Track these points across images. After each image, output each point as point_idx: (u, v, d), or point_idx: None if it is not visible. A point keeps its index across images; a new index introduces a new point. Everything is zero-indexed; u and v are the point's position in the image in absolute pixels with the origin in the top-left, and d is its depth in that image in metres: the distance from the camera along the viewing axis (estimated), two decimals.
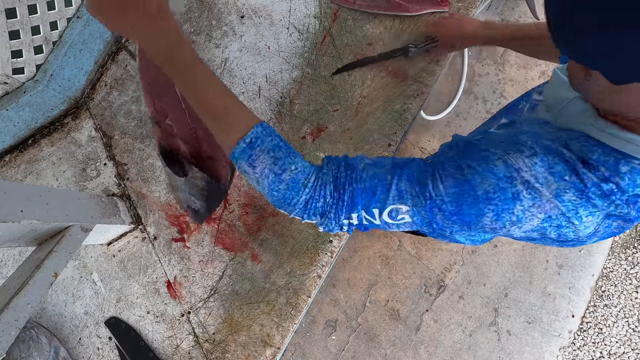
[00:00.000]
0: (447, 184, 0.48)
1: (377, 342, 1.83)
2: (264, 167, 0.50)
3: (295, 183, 0.50)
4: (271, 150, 0.50)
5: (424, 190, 0.48)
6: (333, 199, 0.50)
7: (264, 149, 0.50)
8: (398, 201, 0.49)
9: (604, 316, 1.84)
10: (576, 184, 0.44)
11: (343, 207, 0.50)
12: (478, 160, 0.48)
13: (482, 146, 0.49)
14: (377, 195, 0.49)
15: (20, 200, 0.72)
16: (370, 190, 0.49)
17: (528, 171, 0.45)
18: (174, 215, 1.05)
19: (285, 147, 0.52)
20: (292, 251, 1.01)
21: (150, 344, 0.99)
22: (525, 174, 0.45)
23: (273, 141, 0.51)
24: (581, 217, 0.45)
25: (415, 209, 0.49)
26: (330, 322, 1.85)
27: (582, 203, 0.45)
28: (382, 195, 0.49)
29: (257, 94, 1.11)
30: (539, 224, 0.47)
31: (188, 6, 1.17)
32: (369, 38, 1.11)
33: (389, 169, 0.51)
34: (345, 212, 0.50)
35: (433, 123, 2.02)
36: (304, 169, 0.51)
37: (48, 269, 0.75)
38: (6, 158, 1.10)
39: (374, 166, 0.51)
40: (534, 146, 0.47)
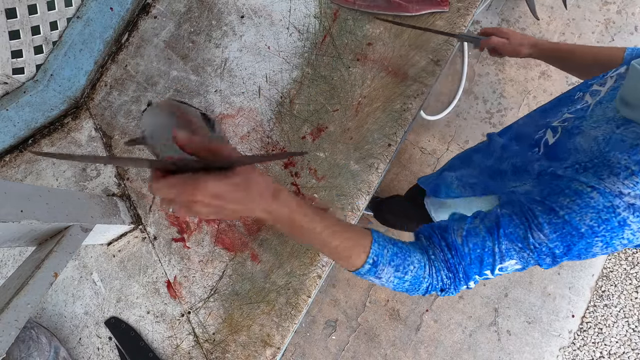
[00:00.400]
0: (547, 232, 0.48)
1: (377, 342, 1.83)
2: (389, 276, 0.56)
3: (416, 279, 0.56)
4: (391, 260, 0.56)
5: (526, 245, 0.50)
6: (449, 279, 0.56)
7: (385, 263, 0.56)
8: (505, 260, 0.52)
9: (604, 316, 1.84)
10: None
11: (460, 282, 0.55)
12: (571, 196, 0.46)
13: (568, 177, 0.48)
14: (485, 262, 0.53)
15: (20, 200, 0.72)
16: (477, 261, 0.53)
17: (631, 193, 0.43)
18: (174, 215, 1.05)
19: (400, 251, 0.57)
20: (292, 251, 1.01)
21: (150, 344, 0.99)
22: (627, 197, 0.43)
23: (389, 252, 0.56)
24: None
25: (523, 260, 0.51)
26: (330, 322, 1.85)
27: None
28: (488, 260, 0.53)
29: (257, 94, 1.11)
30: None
31: (188, 6, 1.17)
32: (369, 38, 1.11)
33: (485, 235, 0.53)
34: (462, 284, 0.56)
35: (433, 123, 2.02)
36: (420, 264, 0.56)
37: (48, 269, 0.75)
38: (6, 158, 1.10)
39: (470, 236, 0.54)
40: (630, 164, 0.44)
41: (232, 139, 1.09)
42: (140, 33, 1.17)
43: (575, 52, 0.84)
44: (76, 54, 1.10)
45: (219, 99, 1.11)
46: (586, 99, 0.64)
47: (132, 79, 1.14)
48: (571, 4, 2.08)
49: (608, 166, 0.46)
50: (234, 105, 1.11)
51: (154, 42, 1.16)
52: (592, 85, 0.66)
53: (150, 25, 1.17)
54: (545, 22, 2.08)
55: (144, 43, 1.16)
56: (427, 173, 2.06)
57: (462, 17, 1.10)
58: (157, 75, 1.14)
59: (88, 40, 1.11)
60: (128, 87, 1.13)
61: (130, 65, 1.15)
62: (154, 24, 1.17)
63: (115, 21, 1.14)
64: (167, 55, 1.15)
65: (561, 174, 0.49)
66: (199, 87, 1.12)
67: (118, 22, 1.15)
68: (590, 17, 2.08)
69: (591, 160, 0.48)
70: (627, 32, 2.07)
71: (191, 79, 1.13)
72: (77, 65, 1.11)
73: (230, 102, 1.11)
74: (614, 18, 2.08)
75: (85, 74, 1.12)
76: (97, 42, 1.13)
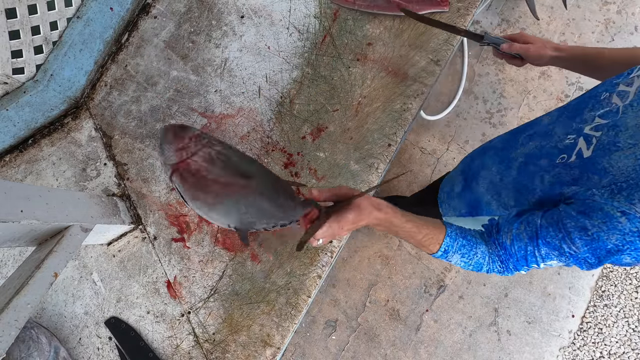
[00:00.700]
0: (579, 245, 0.54)
1: (377, 342, 1.83)
2: (456, 260, 0.72)
3: (478, 264, 0.71)
4: (458, 250, 0.71)
5: (562, 252, 0.58)
6: (502, 269, 0.69)
7: (454, 251, 0.72)
8: (547, 260, 0.61)
9: (604, 316, 1.84)
10: None
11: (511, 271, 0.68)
12: (602, 218, 0.51)
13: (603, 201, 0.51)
14: (529, 260, 0.63)
15: (20, 200, 0.72)
16: (523, 259, 0.64)
17: None
18: (174, 215, 1.05)
19: (468, 244, 0.71)
20: (292, 251, 1.01)
21: (150, 344, 0.99)
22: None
23: (459, 243, 0.71)
24: None
25: (564, 261, 0.59)
26: (330, 322, 1.85)
27: None
28: (532, 259, 0.63)
29: (257, 94, 1.11)
30: None
31: (188, 6, 1.17)
32: (369, 38, 1.11)
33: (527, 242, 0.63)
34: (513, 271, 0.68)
35: (433, 123, 2.02)
36: (483, 255, 0.71)
37: (48, 269, 0.75)
38: (6, 158, 1.10)
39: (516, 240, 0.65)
40: None
41: (232, 139, 1.09)
42: (140, 33, 1.17)
43: (604, 54, 0.80)
44: (76, 54, 1.10)
45: (219, 99, 1.11)
46: (614, 101, 0.63)
47: (132, 79, 1.14)
48: (571, 4, 2.08)
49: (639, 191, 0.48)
50: (234, 105, 1.11)
51: (154, 42, 1.16)
52: (618, 85, 0.65)
53: (150, 25, 1.17)
54: (545, 22, 2.08)
55: (144, 43, 1.16)
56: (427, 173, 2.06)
57: (462, 17, 1.10)
58: (157, 75, 1.14)
59: (88, 40, 1.11)
60: (128, 87, 1.13)
61: (130, 65, 1.15)
62: (154, 24, 1.17)
63: (115, 21, 1.14)
64: (167, 55, 1.15)
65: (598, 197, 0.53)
66: (199, 87, 1.12)
67: (118, 22, 1.15)
68: (590, 17, 2.08)
69: (627, 181, 0.50)
70: (627, 32, 2.07)
71: (191, 79, 1.13)
72: (77, 65, 1.11)
73: (230, 102, 1.11)
74: (614, 18, 2.08)
75: (85, 74, 1.12)
76: (97, 42, 1.13)
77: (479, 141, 1.99)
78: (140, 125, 1.11)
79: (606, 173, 0.55)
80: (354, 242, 1.92)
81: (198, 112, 1.11)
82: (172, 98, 1.12)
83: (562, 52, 0.84)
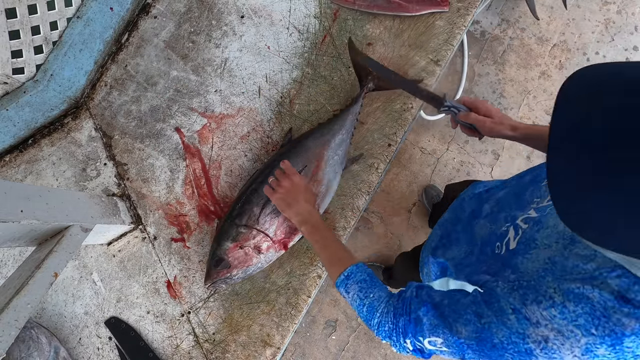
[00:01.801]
0: (469, 329, 0.52)
1: (377, 342, 1.82)
2: (354, 293, 0.69)
3: (371, 308, 0.67)
4: (360, 282, 0.69)
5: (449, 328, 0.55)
6: (393, 325, 0.63)
7: (355, 280, 0.70)
8: (433, 334, 0.57)
9: None
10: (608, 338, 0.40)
11: (400, 333, 0.62)
12: (495, 311, 0.50)
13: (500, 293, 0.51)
14: (417, 328, 0.59)
15: (20, 200, 0.72)
16: (413, 321, 0.60)
17: (548, 324, 0.44)
18: (174, 215, 1.05)
19: (370, 280, 0.70)
20: (292, 251, 1.01)
21: (150, 344, 0.99)
22: (544, 328, 0.44)
23: (362, 275, 0.70)
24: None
25: (448, 342, 0.55)
26: (330, 322, 1.85)
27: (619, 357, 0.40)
28: (421, 327, 0.59)
29: (257, 94, 1.11)
30: None
31: (188, 6, 1.17)
32: (369, 38, 1.11)
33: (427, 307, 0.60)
34: (401, 337, 0.62)
35: (433, 123, 2.02)
36: (380, 298, 0.67)
37: (48, 269, 0.75)
38: (6, 158, 1.10)
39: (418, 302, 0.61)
40: (554, 295, 0.45)
41: (232, 139, 1.09)
42: (140, 33, 1.17)
43: None
44: (76, 54, 1.10)
45: (219, 98, 1.11)
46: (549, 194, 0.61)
47: (132, 79, 1.14)
48: (571, 4, 2.08)
49: (536, 291, 0.47)
50: (234, 105, 1.11)
51: (154, 42, 1.16)
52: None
53: (150, 25, 1.17)
54: (545, 22, 2.08)
55: (144, 43, 1.16)
56: (427, 173, 2.06)
57: (462, 17, 1.10)
58: (157, 75, 1.14)
59: (88, 40, 1.11)
60: (128, 87, 1.13)
61: (130, 65, 1.15)
62: (154, 24, 1.17)
63: (115, 21, 1.14)
64: (167, 55, 1.15)
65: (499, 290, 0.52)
66: (199, 87, 1.12)
67: (118, 22, 1.15)
68: (590, 17, 2.08)
69: (528, 281, 0.50)
70: (627, 32, 2.07)
71: (191, 78, 1.13)
72: (77, 65, 1.11)
73: (230, 102, 1.11)
74: (614, 18, 2.08)
75: (85, 74, 1.12)
76: (97, 42, 1.13)
77: (479, 141, 1.99)
78: (140, 125, 1.11)
79: (516, 269, 0.55)
80: (354, 243, 1.92)
81: (198, 112, 1.11)
82: (172, 98, 1.12)
83: (516, 132, 0.79)
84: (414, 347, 0.61)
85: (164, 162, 1.08)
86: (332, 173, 0.98)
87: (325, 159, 0.98)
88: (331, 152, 0.98)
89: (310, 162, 0.97)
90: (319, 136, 0.99)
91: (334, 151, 0.98)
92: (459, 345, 0.54)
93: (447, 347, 0.56)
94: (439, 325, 0.56)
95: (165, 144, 1.09)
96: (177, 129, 1.10)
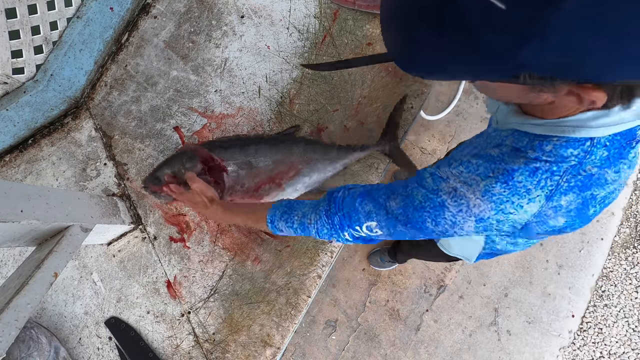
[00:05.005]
0: (397, 200, 0.60)
1: (377, 342, 1.83)
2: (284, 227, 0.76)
3: (303, 224, 0.73)
4: (281, 217, 0.76)
5: (381, 208, 0.62)
6: (329, 225, 0.69)
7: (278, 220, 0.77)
8: (368, 219, 0.63)
9: (604, 316, 1.84)
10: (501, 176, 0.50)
11: (337, 230, 0.68)
12: (417, 178, 0.60)
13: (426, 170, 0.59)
14: (352, 217, 0.65)
15: (20, 200, 0.72)
16: (347, 214, 0.66)
17: (456, 179, 0.53)
18: (174, 214, 1.05)
19: (289, 208, 0.76)
20: (292, 251, 1.01)
21: (150, 344, 0.99)
22: (453, 182, 0.53)
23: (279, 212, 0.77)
24: (520, 205, 0.50)
25: (382, 223, 0.62)
26: (330, 322, 1.85)
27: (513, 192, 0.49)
28: (355, 216, 0.65)
29: (257, 94, 1.11)
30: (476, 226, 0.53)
31: (188, 6, 1.17)
32: (369, 38, 1.11)
33: (359, 198, 0.65)
34: (339, 231, 0.68)
35: (433, 123, 2.02)
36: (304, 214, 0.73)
37: (48, 269, 0.75)
38: (6, 158, 1.10)
39: (349, 197, 0.67)
40: (461, 157, 0.55)
41: None
42: (140, 33, 1.17)
43: None
44: (76, 54, 1.10)
45: (219, 98, 1.11)
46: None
47: (132, 79, 1.14)
48: None
49: (448, 159, 0.57)
50: (234, 105, 1.11)
51: (154, 42, 1.16)
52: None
53: (150, 25, 1.17)
54: None
55: (144, 43, 1.16)
56: None
57: None
58: (157, 75, 1.13)
59: (88, 40, 1.11)
60: (128, 87, 1.13)
61: (130, 65, 1.15)
62: (154, 24, 1.17)
63: (115, 21, 1.14)
64: (167, 55, 1.15)
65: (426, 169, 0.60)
66: (199, 87, 1.12)
67: (118, 22, 1.15)
68: None
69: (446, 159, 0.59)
70: None
71: (191, 78, 1.13)
72: (77, 65, 1.11)
73: (230, 102, 1.11)
74: None
75: (85, 74, 1.12)
76: (97, 42, 1.13)
77: None
78: (140, 125, 1.11)
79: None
80: None
81: (198, 112, 1.11)
82: (172, 98, 1.12)
83: None
84: (352, 237, 0.68)
85: None
86: (291, 189, 1.00)
87: (297, 173, 0.99)
88: (306, 171, 0.99)
89: (282, 163, 0.98)
90: (310, 152, 1.00)
91: (309, 172, 1.00)
92: (390, 221, 0.61)
93: (380, 229, 0.63)
94: (372, 210, 0.63)
95: (165, 144, 1.09)
96: (176, 128, 1.10)
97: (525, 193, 0.49)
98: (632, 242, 1.90)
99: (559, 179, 0.49)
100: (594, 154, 0.48)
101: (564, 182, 0.49)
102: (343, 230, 0.68)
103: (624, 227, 1.91)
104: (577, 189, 0.50)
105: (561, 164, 0.48)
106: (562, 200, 0.50)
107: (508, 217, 0.51)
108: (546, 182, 0.49)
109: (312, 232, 0.73)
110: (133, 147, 1.10)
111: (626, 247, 1.90)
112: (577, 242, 1.89)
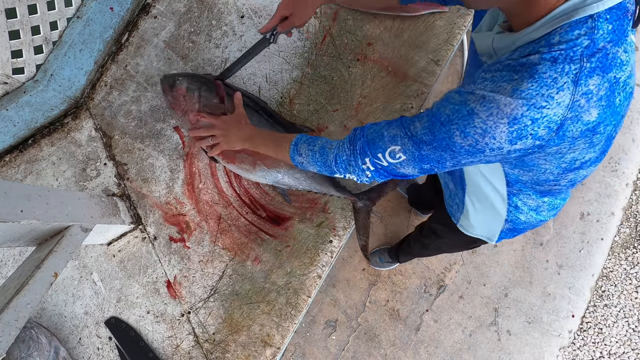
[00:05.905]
0: (422, 121, 0.61)
1: (377, 342, 1.83)
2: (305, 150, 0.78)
3: (323, 150, 0.76)
4: (306, 140, 0.79)
5: (406, 131, 0.63)
6: (350, 151, 0.71)
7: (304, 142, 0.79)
8: (392, 143, 0.65)
9: (604, 316, 1.84)
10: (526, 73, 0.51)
11: (358, 156, 0.70)
12: (442, 100, 0.60)
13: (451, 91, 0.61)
14: (377, 143, 0.67)
15: (20, 200, 0.72)
16: (371, 140, 0.68)
17: (482, 89, 0.54)
18: (174, 214, 1.05)
19: (312, 138, 0.79)
20: (292, 251, 1.01)
21: (150, 344, 0.99)
22: (479, 91, 0.54)
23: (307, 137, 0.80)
24: (551, 96, 0.51)
25: (405, 147, 0.63)
26: (330, 322, 1.85)
27: (541, 83, 0.51)
28: (379, 142, 0.66)
29: (257, 94, 1.11)
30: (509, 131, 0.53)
31: (188, 6, 1.17)
32: (369, 38, 1.11)
33: (383, 125, 0.68)
34: (359, 159, 0.69)
35: None
36: (328, 141, 0.76)
37: (48, 269, 0.75)
38: (6, 158, 1.10)
39: (375, 125, 0.69)
40: (481, 73, 0.57)
41: None
42: (140, 33, 1.17)
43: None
44: (76, 54, 1.10)
45: None
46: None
47: (132, 79, 1.14)
48: None
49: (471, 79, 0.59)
50: None
51: (154, 42, 1.16)
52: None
53: (150, 25, 1.17)
54: None
55: (144, 43, 1.16)
56: None
57: (462, 17, 1.10)
58: (157, 75, 1.13)
59: (88, 40, 1.11)
60: (128, 87, 1.13)
61: (130, 65, 1.15)
62: (154, 24, 1.17)
63: (115, 21, 1.14)
64: (167, 55, 1.15)
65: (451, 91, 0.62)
66: None
67: (118, 22, 1.15)
68: None
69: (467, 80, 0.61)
70: None
71: None
72: (77, 65, 1.11)
73: None
74: None
75: (85, 74, 1.12)
76: (97, 42, 1.13)
77: None
78: (140, 125, 1.11)
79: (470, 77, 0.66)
80: (354, 242, 1.92)
81: None
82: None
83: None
84: (373, 166, 0.69)
85: (164, 162, 1.08)
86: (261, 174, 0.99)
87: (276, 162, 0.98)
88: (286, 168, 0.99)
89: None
90: None
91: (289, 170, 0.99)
92: (415, 144, 0.62)
93: (404, 154, 0.64)
94: (397, 134, 0.64)
95: (165, 144, 1.09)
96: (176, 128, 1.10)
97: (552, 82, 0.50)
98: (632, 242, 1.90)
99: (579, 60, 0.50)
100: (600, 28, 0.50)
101: (585, 63, 0.50)
102: (365, 155, 0.68)
103: (624, 227, 1.91)
104: (599, 70, 0.51)
105: (575, 48, 0.50)
106: (590, 84, 0.51)
107: (542, 113, 0.51)
108: (570, 67, 0.50)
109: (331, 157, 0.73)
110: (133, 147, 1.10)
111: (626, 247, 1.90)
112: (577, 242, 1.89)
